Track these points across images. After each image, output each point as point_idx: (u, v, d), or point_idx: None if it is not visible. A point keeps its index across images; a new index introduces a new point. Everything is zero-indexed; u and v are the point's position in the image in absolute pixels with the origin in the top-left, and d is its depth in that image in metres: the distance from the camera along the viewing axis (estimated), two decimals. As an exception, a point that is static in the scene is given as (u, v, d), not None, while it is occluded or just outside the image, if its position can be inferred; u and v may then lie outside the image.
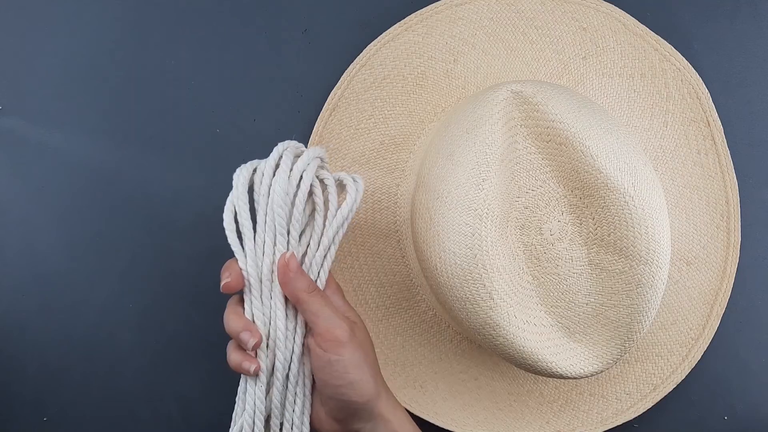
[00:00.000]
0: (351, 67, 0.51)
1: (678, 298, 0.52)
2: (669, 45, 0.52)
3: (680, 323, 0.52)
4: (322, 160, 0.44)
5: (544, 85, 0.43)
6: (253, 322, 0.42)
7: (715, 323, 0.52)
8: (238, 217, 0.42)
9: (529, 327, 0.42)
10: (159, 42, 0.53)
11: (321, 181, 0.44)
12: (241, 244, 0.42)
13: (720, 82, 0.54)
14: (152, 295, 0.52)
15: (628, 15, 0.52)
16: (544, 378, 0.51)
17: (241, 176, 0.42)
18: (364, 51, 0.51)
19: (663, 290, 0.42)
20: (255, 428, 0.42)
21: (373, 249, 0.51)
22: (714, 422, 0.54)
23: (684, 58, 0.52)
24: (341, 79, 0.51)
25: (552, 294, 0.43)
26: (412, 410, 0.51)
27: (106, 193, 0.52)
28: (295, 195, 0.42)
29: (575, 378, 0.43)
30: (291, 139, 0.44)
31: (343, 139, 0.51)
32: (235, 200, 0.42)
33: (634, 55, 0.52)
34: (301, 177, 0.42)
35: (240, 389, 0.43)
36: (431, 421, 0.51)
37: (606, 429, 0.52)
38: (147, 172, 0.52)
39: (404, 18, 0.51)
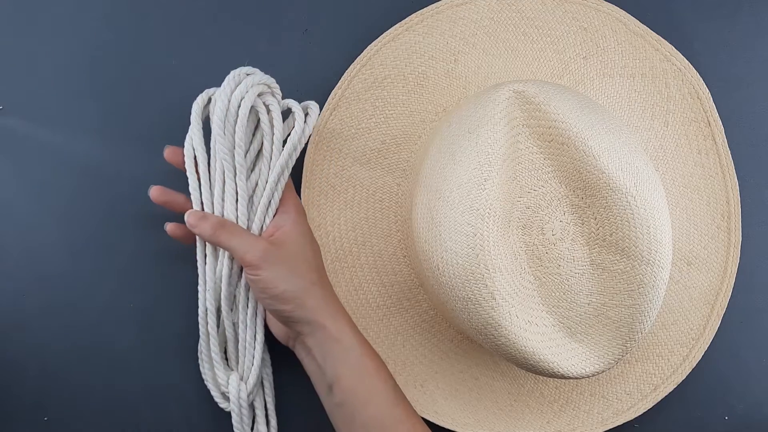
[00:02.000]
0: (352, 67, 0.51)
1: (679, 298, 0.52)
2: (670, 45, 0.52)
3: (681, 323, 0.52)
4: (269, 86, 0.45)
5: (545, 85, 0.43)
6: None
7: (716, 323, 0.52)
8: (193, 144, 0.45)
9: (531, 327, 0.42)
10: (159, 41, 0.52)
11: (267, 107, 0.45)
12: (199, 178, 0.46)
13: (720, 82, 0.54)
14: (152, 295, 0.52)
15: (629, 15, 0.52)
16: (545, 378, 0.51)
17: (195, 105, 0.45)
18: (365, 51, 0.51)
19: (664, 290, 0.42)
20: (208, 320, 0.47)
21: (374, 248, 0.51)
22: (714, 422, 0.54)
23: (684, 58, 0.52)
24: (342, 78, 0.51)
25: (554, 294, 0.43)
26: (412, 410, 0.51)
27: (106, 193, 0.52)
28: (235, 120, 0.44)
29: (576, 378, 0.43)
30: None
31: (344, 139, 0.51)
32: (191, 129, 0.45)
33: (635, 55, 0.52)
34: (240, 102, 0.44)
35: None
36: (432, 420, 0.51)
37: (606, 429, 0.52)
38: (147, 172, 0.52)
39: (405, 18, 0.51)
